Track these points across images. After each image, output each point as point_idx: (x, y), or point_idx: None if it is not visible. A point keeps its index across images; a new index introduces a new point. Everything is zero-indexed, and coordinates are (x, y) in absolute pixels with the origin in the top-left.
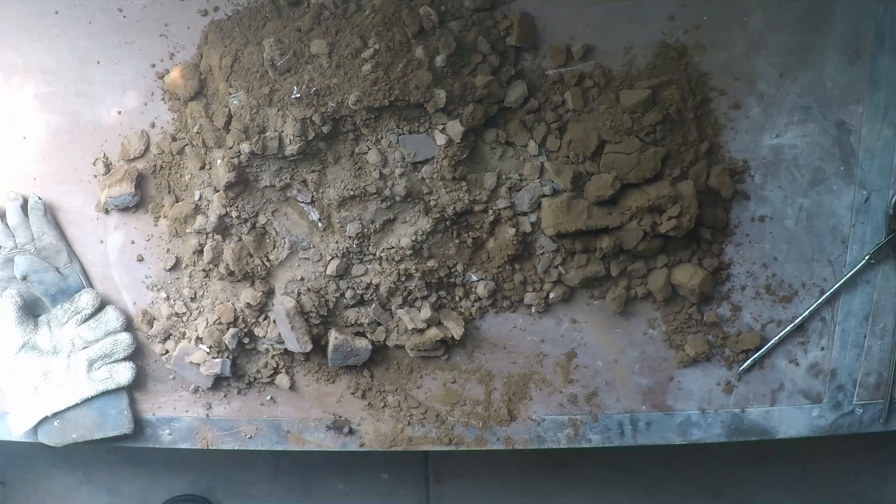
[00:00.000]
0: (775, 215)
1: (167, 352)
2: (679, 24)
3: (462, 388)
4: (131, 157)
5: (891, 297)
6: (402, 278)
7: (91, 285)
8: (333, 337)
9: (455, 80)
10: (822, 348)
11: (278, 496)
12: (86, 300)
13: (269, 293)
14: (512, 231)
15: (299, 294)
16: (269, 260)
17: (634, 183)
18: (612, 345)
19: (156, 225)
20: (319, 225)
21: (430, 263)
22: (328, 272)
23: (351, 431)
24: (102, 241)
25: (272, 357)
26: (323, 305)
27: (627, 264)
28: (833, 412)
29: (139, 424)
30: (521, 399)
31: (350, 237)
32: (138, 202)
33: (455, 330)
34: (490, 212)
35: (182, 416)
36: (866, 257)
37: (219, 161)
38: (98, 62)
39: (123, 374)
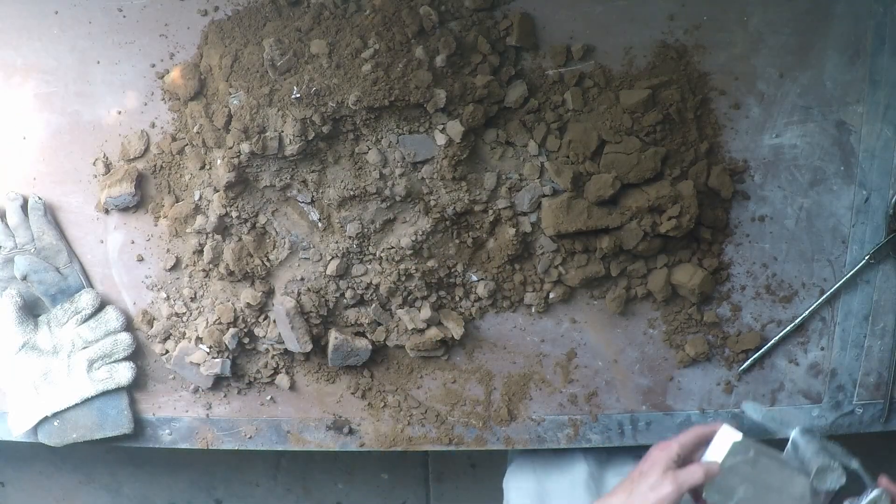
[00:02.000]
0: (775, 215)
1: (167, 352)
2: (679, 24)
3: (462, 388)
4: (131, 157)
5: (891, 297)
6: (402, 278)
7: (91, 285)
8: (333, 337)
9: (455, 80)
10: (822, 348)
11: (278, 496)
12: (86, 300)
13: (269, 293)
14: (512, 231)
15: (299, 294)
16: (269, 260)
17: (634, 183)
18: (612, 345)
19: (156, 225)
20: (319, 225)
21: (430, 263)
22: (328, 272)
23: (351, 431)
24: (102, 241)
25: (272, 357)
26: (323, 305)
27: (627, 264)
28: (833, 412)
29: (139, 424)
30: (521, 399)
31: (350, 237)
32: (138, 202)
33: (455, 330)
34: (490, 212)
35: (182, 416)
36: (866, 257)
37: (219, 161)
38: (98, 62)
39: (123, 374)
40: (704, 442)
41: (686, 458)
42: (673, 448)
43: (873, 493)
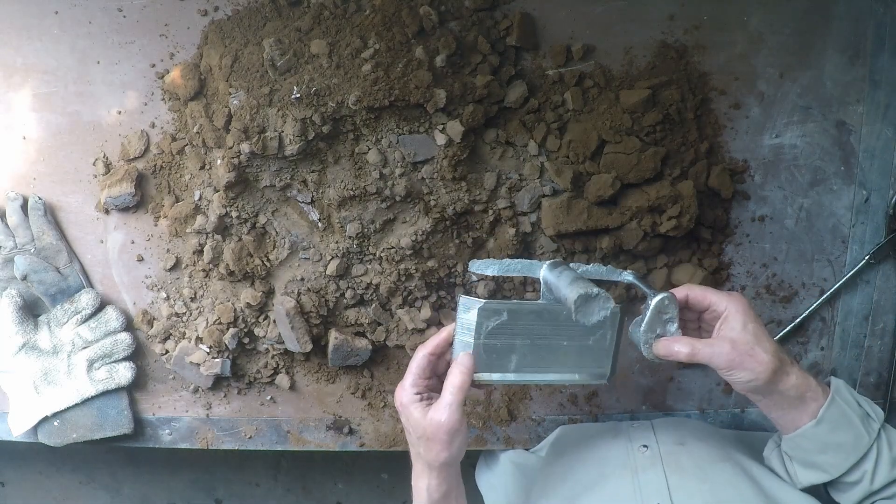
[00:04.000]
0: (775, 215)
1: (167, 352)
2: (679, 24)
3: None
4: (131, 157)
5: (891, 297)
6: (402, 278)
7: (91, 285)
8: (333, 337)
9: (455, 80)
10: (822, 348)
11: (278, 496)
12: (86, 300)
13: (269, 293)
14: (512, 231)
15: (299, 294)
16: (269, 260)
17: (634, 183)
18: None
19: (156, 225)
20: (319, 225)
21: (430, 263)
22: (328, 272)
23: (351, 431)
24: (102, 241)
25: (272, 357)
26: (323, 305)
27: (627, 264)
28: None
29: (139, 424)
30: (521, 399)
31: (350, 237)
32: (138, 202)
33: None
34: (490, 212)
35: (182, 416)
36: (866, 257)
37: (219, 161)
38: (98, 62)
39: (123, 374)
40: (443, 352)
41: (436, 371)
42: (406, 386)
43: (656, 300)
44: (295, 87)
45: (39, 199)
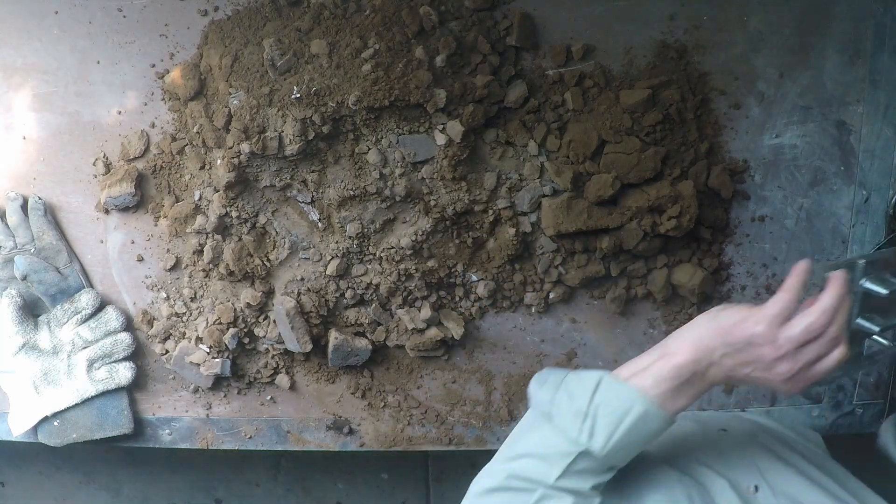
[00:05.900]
0: (775, 215)
1: (167, 352)
2: (679, 24)
3: (462, 388)
4: (131, 157)
5: None
6: (402, 278)
7: (91, 285)
8: (333, 337)
9: (455, 80)
10: None
11: (278, 496)
12: (86, 300)
13: (269, 293)
14: (512, 231)
15: (299, 294)
16: (269, 260)
17: (634, 183)
18: (612, 345)
19: (156, 225)
20: (319, 225)
21: (430, 263)
22: (328, 272)
23: (351, 431)
24: (102, 241)
25: (272, 357)
26: (323, 305)
27: (627, 264)
28: (833, 412)
29: (139, 424)
30: (521, 399)
31: (350, 237)
32: (138, 202)
33: (455, 330)
34: (490, 212)
35: (182, 416)
36: None
37: (219, 161)
38: (98, 62)
39: (123, 374)
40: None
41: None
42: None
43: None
44: (295, 87)
45: (39, 199)
